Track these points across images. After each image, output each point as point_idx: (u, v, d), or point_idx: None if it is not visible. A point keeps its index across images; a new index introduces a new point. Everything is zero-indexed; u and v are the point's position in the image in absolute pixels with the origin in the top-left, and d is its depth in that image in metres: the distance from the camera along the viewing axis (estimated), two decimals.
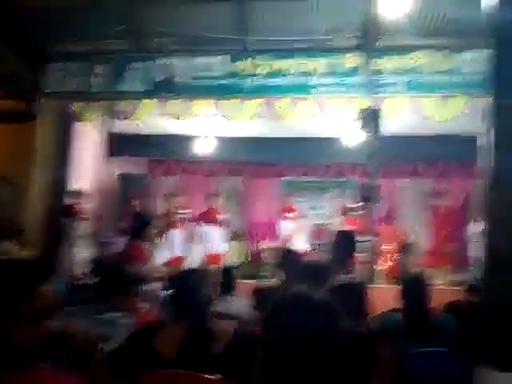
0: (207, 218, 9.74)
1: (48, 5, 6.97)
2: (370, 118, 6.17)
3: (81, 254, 7.76)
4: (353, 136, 8.65)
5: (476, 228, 8.54)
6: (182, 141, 10.20)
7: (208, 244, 9.57)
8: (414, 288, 3.13)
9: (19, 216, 7.65)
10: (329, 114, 7.68)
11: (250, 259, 10.49)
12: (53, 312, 1.46)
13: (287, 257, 4.55)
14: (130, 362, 2.31)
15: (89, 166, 9.04)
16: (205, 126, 9.36)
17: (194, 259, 9.60)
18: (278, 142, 9.84)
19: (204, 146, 10.29)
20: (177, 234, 9.30)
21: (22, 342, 1.36)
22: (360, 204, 8.98)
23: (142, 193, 10.62)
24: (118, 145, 8.72)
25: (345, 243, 4.04)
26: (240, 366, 2.19)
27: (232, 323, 2.51)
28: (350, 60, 7.56)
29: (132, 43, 7.79)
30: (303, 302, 1.33)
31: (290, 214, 10.31)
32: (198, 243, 9.73)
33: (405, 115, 7.59)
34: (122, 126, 8.64)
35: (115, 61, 7.94)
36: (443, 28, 7.12)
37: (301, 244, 9.57)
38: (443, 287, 7.70)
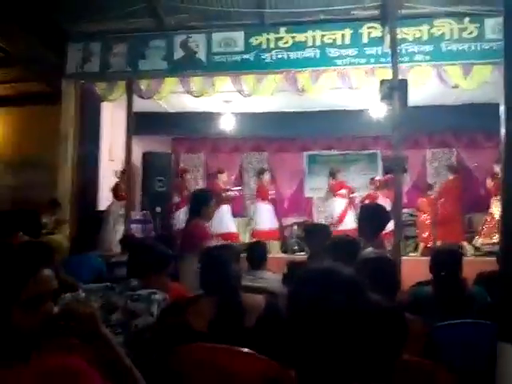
0: (259, 194, 9.84)
1: None
2: (394, 88, 6.05)
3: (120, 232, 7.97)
4: (377, 108, 8.53)
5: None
6: (205, 118, 10.19)
7: (259, 220, 9.66)
8: (444, 259, 3.11)
9: (53, 195, 7.82)
10: (352, 86, 7.60)
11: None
12: (52, 295, 1.46)
13: (312, 232, 4.56)
14: (164, 336, 2.37)
15: (114, 146, 9.14)
16: (226, 102, 9.34)
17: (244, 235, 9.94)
18: (301, 116, 9.77)
19: (226, 123, 10.27)
20: (226, 211, 9.46)
21: (23, 325, 1.37)
22: (388, 176, 8.93)
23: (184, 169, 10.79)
24: (142, 124, 8.75)
25: (372, 217, 4.00)
26: (272, 340, 2.22)
27: (263, 297, 2.54)
28: (372, 30, 7.45)
29: (151, 21, 7.76)
30: (328, 277, 1.34)
31: (343, 191, 9.77)
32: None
33: (429, 85, 7.47)
34: (145, 105, 8.67)
35: (135, 40, 7.94)
36: None
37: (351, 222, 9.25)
38: (474, 258, 7.66)
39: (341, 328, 1.26)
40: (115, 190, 8.66)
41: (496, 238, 8.20)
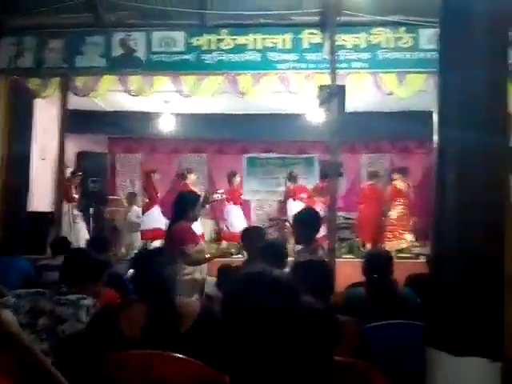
0: (232, 198, 9.79)
1: None
2: (332, 94, 6.17)
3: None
4: (315, 112, 8.67)
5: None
6: (143, 118, 10.03)
7: (235, 223, 9.58)
8: (375, 262, 3.20)
9: None
10: (292, 91, 7.68)
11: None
12: None
13: (249, 235, 4.56)
14: (94, 343, 2.29)
15: (47, 144, 8.82)
16: (165, 102, 9.23)
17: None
18: (241, 119, 9.78)
19: (165, 124, 10.15)
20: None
21: None
22: (324, 183, 9.10)
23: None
24: (77, 122, 8.51)
25: (307, 220, 4.06)
26: (207, 345, 2.19)
27: (197, 302, 2.51)
28: (312, 36, 7.56)
29: (89, 17, 7.55)
30: (260, 280, 1.33)
31: (303, 195, 9.83)
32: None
33: (366, 92, 7.67)
34: (80, 103, 8.43)
35: (72, 35, 7.70)
36: (402, 5, 7.18)
37: None
38: (405, 260, 7.92)
39: (274, 331, 1.26)
40: (66, 193, 8.47)
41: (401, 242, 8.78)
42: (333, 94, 6.10)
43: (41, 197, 8.48)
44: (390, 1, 7.15)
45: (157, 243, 8.44)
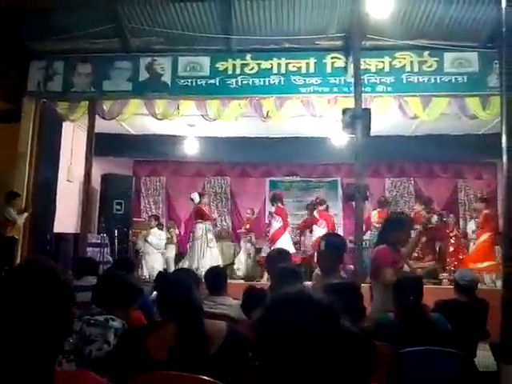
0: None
1: (33, 2, 6.86)
2: (357, 117, 6.13)
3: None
4: (339, 136, 8.64)
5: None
6: (168, 141, 10.11)
7: None
8: (407, 286, 3.11)
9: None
10: (315, 114, 7.68)
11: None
12: None
13: (274, 258, 4.49)
14: (121, 363, 2.24)
15: (74, 166, 8.93)
16: (190, 126, 9.29)
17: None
18: (265, 142, 9.80)
19: (189, 147, 10.21)
20: None
21: None
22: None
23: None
24: (103, 145, 8.60)
25: (332, 246, 3.98)
26: (233, 367, 2.13)
27: (225, 324, 2.44)
28: (336, 60, 7.58)
29: (117, 42, 7.69)
30: (300, 303, 1.28)
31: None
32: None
33: (389, 115, 7.63)
34: (107, 126, 8.54)
35: (100, 60, 7.84)
36: (427, 29, 7.17)
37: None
38: (435, 286, 7.72)
39: (314, 355, 1.20)
40: (202, 214, 9.27)
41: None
42: (357, 117, 6.06)
43: (67, 218, 8.54)
44: (414, 25, 7.14)
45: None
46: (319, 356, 1.20)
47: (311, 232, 9.68)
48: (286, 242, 9.13)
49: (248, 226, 10.21)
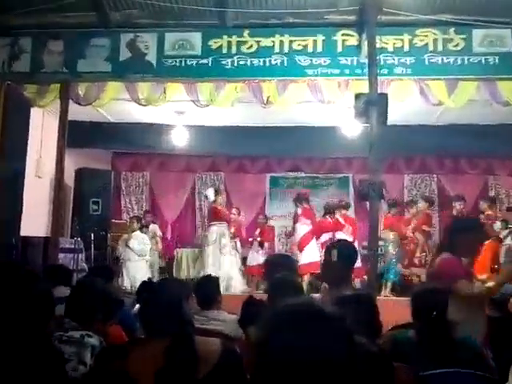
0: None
1: None
2: (371, 104, 6.14)
3: None
4: (351, 125, 8.65)
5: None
6: (153, 131, 10.12)
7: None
8: (432, 301, 3.09)
9: None
10: (323, 100, 7.68)
11: None
12: None
13: (276, 264, 4.49)
14: None
15: (44, 160, 8.93)
16: (178, 113, 9.30)
17: None
18: (265, 132, 9.81)
19: (178, 137, 10.20)
20: None
21: None
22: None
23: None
24: (77, 135, 8.60)
25: (345, 255, 3.98)
26: None
27: (218, 342, 2.45)
28: (348, 37, 7.58)
29: (93, 16, 7.67)
30: (313, 317, 1.28)
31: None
32: None
33: (409, 101, 7.64)
34: (82, 113, 8.53)
35: (74, 36, 7.83)
36: (452, 2, 7.17)
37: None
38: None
39: (328, 377, 1.20)
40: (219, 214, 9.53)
41: None
42: (372, 104, 6.07)
43: (35, 219, 8.54)
44: None
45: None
46: (335, 381, 1.19)
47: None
48: (312, 251, 9.24)
49: (233, 230, 10.02)
